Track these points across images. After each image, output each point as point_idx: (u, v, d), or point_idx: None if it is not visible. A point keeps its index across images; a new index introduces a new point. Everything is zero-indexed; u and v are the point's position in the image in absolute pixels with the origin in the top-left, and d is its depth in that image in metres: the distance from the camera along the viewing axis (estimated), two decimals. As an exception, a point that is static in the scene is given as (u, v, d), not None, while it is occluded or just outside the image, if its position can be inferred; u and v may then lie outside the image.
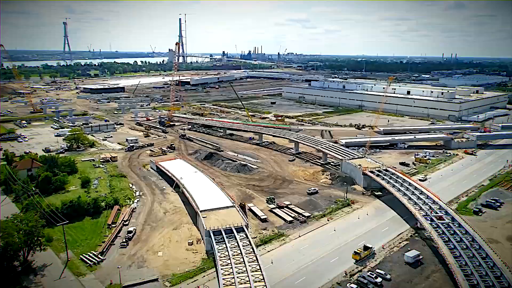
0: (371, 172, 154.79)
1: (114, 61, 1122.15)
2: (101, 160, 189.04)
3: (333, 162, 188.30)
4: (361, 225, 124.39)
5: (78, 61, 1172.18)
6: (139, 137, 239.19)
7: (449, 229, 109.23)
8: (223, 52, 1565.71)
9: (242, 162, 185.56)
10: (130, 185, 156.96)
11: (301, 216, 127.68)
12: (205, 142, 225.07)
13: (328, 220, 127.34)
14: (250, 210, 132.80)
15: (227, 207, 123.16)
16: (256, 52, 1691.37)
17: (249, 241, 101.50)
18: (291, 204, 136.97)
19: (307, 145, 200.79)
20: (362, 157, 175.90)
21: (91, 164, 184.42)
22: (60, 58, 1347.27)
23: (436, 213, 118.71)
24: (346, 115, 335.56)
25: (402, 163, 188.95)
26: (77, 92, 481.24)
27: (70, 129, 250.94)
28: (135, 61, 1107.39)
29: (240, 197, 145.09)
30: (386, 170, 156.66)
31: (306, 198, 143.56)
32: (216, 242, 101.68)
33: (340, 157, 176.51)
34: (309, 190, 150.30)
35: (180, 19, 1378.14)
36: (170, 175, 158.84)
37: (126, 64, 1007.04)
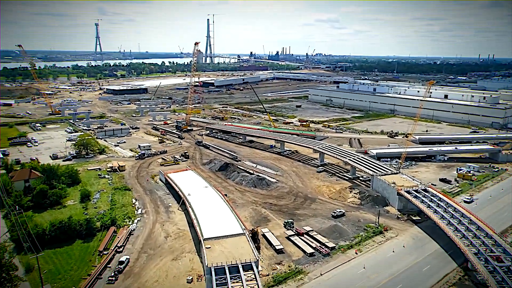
0: (408, 192, 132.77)
1: (142, 62, 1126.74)
2: (107, 170, 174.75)
3: (362, 176, 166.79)
4: (396, 261, 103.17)
5: (107, 62, 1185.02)
6: (153, 143, 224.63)
7: (510, 275, 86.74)
8: (251, 52, 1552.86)
9: (259, 175, 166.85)
10: (133, 201, 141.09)
11: (324, 247, 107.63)
12: (221, 150, 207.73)
13: (356, 253, 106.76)
14: (264, 236, 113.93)
15: (236, 235, 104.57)
16: (284, 53, 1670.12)
17: (258, 285, 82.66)
18: (312, 230, 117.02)
19: (333, 156, 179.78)
20: (397, 173, 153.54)
21: (97, 173, 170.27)
22: (92, 59, 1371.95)
23: (492, 251, 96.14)
24: (377, 120, 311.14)
25: (442, 180, 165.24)
26: (100, 93, 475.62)
27: (82, 133, 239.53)
28: (163, 62, 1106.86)
29: (254, 219, 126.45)
30: (426, 191, 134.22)
31: (331, 223, 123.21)
32: (217, 284, 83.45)
33: (370, 172, 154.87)
34: (335, 212, 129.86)
35: (208, 19, 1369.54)
36: (177, 189, 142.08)
37: (153, 64, 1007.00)
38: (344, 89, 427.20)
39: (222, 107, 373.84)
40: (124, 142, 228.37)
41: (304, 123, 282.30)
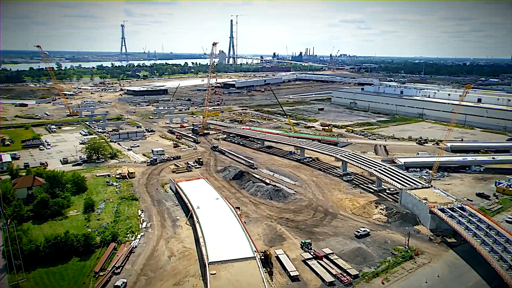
0: (442, 210, 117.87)
1: (165, 63, 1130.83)
2: (116, 176, 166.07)
3: (389, 189, 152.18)
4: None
5: (132, 62, 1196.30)
6: (168, 148, 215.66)
7: None
8: (274, 53, 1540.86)
9: (276, 185, 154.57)
10: (139, 212, 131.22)
11: (345, 275, 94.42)
12: (237, 156, 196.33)
13: (383, 283, 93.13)
14: (278, 259, 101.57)
15: (246, 258, 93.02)
16: (308, 54, 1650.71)
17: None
18: (333, 253, 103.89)
19: (357, 166, 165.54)
20: (428, 187, 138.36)
21: (105, 180, 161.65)
22: (117, 59, 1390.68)
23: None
24: (404, 125, 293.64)
25: (479, 195, 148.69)
26: (120, 94, 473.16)
27: (95, 136, 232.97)
28: (186, 63, 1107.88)
29: (268, 237, 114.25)
30: (462, 209, 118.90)
31: (354, 245, 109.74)
32: (220, 322, 72.02)
33: (398, 185, 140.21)
34: (358, 232, 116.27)
35: (231, 20, 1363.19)
36: (186, 201, 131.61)
37: (176, 65, 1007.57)
38: (369, 91, 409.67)
39: (242, 109, 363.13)
40: (138, 146, 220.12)
41: (326, 128, 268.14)
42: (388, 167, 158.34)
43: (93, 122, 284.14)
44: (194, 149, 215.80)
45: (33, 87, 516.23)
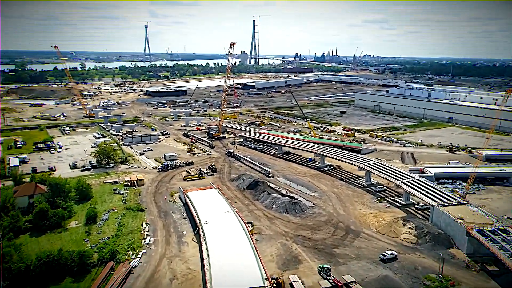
0: (481, 233, 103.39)
1: (187, 63, 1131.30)
2: (124, 184, 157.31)
3: (419, 203, 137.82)
4: None
5: (154, 63, 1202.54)
6: (181, 153, 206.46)
7: None
8: (296, 54, 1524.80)
9: (294, 197, 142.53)
10: (144, 225, 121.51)
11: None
12: (253, 163, 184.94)
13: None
14: (292, 287, 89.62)
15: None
16: (330, 54, 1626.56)
17: None
18: (355, 282, 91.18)
19: (382, 177, 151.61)
20: (464, 204, 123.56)
21: (112, 188, 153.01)
22: (140, 60, 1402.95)
23: None
24: (432, 130, 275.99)
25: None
26: (139, 95, 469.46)
27: (108, 139, 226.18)
28: (207, 63, 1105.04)
29: (281, 259, 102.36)
30: (505, 231, 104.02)
31: (379, 271, 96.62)
32: None
33: (429, 200, 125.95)
34: (384, 255, 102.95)
35: (253, 21, 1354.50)
36: (194, 214, 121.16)
37: (197, 66, 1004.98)
38: (395, 93, 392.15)
39: (261, 111, 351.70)
40: (151, 150, 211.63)
41: (349, 132, 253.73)
42: (417, 179, 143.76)
43: (108, 124, 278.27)
44: (208, 154, 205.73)
45: (54, 87, 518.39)
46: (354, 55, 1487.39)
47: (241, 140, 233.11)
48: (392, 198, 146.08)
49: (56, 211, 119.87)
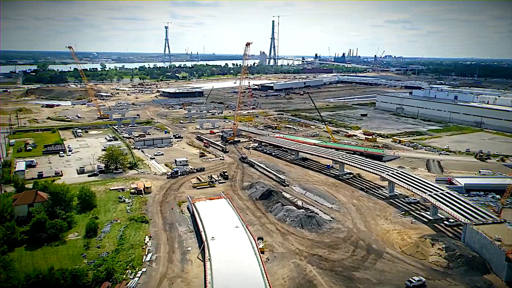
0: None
1: (206, 64, 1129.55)
2: (131, 191, 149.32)
3: (448, 219, 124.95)
4: None
5: (173, 63, 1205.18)
6: (193, 157, 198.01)
7: None
8: (316, 54, 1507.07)
9: (310, 209, 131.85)
10: (146, 240, 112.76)
11: None
12: (267, 170, 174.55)
13: None
14: (305, 319, 79.11)
15: (262, 322, 71.28)
16: (351, 55, 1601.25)
17: None
18: (377, 315, 80.00)
19: (407, 188, 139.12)
20: (501, 222, 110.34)
21: (118, 196, 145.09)
22: (160, 60, 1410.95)
23: None
24: (460, 135, 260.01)
25: None
26: (155, 96, 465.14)
27: (119, 142, 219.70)
28: (226, 64, 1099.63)
29: (294, 283, 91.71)
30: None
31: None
32: None
33: (461, 217, 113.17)
34: (411, 282, 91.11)
35: (273, 21, 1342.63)
36: (201, 228, 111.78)
37: (215, 66, 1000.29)
38: (418, 96, 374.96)
39: (278, 114, 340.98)
40: (162, 154, 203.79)
41: (370, 137, 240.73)
42: (447, 192, 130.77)
43: (122, 126, 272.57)
44: (221, 159, 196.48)
45: (72, 88, 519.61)
46: (375, 55, 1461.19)
47: (256, 144, 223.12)
48: (417, 212, 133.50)
49: (54, 222, 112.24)
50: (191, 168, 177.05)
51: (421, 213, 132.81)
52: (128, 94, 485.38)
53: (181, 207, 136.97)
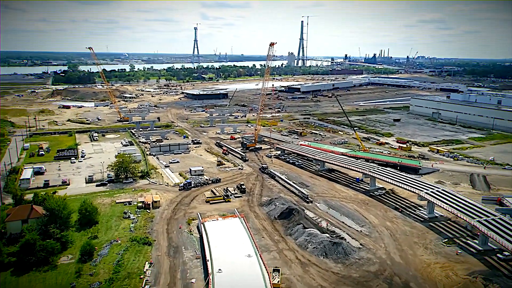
0: None
1: (233, 64, 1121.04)
2: (138, 205, 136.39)
3: (501, 251, 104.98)
4: None
5: (201, 64, 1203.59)
6: (210, 166, 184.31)
7: None
8: (345, 55, 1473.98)
9: (335, 233, 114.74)
10: (146, 266, 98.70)
11: None
12: (289, 183, 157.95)
13: None
14: None
15: None
16: (382, 56, 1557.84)
17: None
18: None
19: (448, 210, 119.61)
20: None
21: (123, 210, 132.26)
22: (189, 61, 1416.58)
23: None
24: (505, 144, 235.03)
25: None
26: (179, 98, 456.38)
27: (134, 147, 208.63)
28: (254, 65, 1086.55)
29: (315, 335, 75.27)
30: None
31: None
32: None
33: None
34: None
35: (302, 22, 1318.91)
36: (207, 256, 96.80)
37: (243, 67, 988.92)
38: (457, 99, 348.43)
39: (304, 118, 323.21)
40: (177, 162, 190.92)
41: (404, 146, 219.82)
42: (499, 218, 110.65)
43: (140, 129, 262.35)
44: (239, 169, 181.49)
45: (97, 89, 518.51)
46: (407, 56, 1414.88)
47: (279, 152, 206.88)
48: (464, 240, 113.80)
49: (45, 244, 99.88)
50: (206, 179, 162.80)
51: (467, 241, 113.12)
52: (152, 96, 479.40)
53: (190, 225, 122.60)
